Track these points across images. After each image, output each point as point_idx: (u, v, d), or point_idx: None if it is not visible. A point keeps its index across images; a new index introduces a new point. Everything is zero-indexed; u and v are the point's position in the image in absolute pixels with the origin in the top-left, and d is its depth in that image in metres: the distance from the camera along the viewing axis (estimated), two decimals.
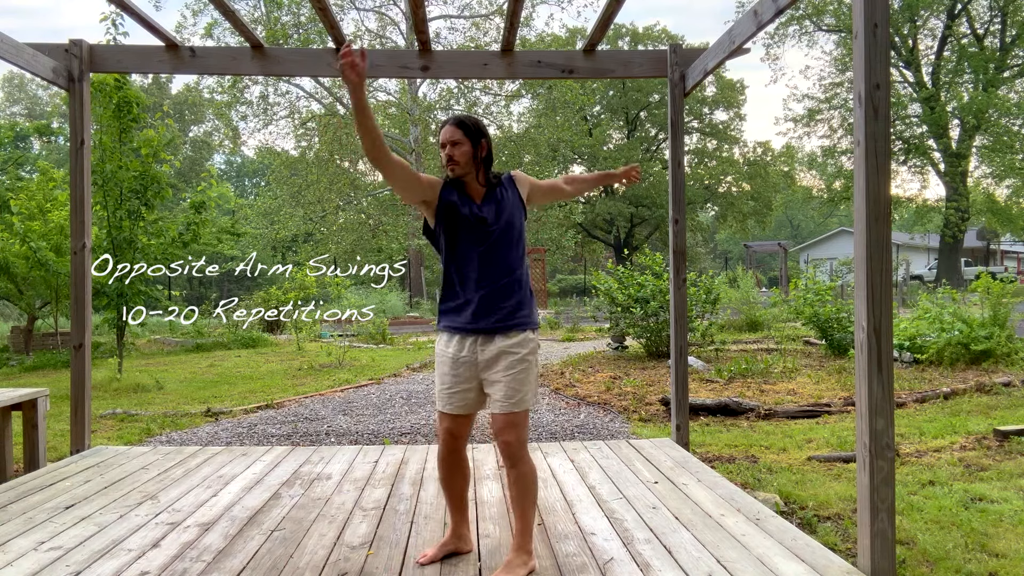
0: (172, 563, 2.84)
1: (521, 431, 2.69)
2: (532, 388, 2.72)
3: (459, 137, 2.72)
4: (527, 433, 2.73)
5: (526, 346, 2.71)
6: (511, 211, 2.78)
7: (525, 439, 2.72)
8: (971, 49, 29.91)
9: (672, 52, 4.85)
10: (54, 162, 22.99)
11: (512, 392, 2.66)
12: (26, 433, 4.78)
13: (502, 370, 2.68)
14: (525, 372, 2.69)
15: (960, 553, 3.38)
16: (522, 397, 2.68)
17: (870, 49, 2.67)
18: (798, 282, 11.52)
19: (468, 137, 2.72)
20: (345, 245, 28.11)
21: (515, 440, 2.67)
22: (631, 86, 37.20)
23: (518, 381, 2.66)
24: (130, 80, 9.37)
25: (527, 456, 2.72)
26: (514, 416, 2.66)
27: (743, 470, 4.84)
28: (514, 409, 2.66)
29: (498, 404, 2.68)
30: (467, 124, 2.74)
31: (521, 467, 2.70)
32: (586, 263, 42.89)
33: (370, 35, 27.50)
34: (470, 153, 2.73)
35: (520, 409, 2.67)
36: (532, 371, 2.72)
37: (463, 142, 2.72)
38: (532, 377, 2.72)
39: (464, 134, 2.72)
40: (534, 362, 2.74)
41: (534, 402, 2.75)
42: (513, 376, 2.66)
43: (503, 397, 2.66)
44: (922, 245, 41.96)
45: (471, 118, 2.78)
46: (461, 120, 2.75)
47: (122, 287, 9.36)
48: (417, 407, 7.60)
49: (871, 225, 2.67)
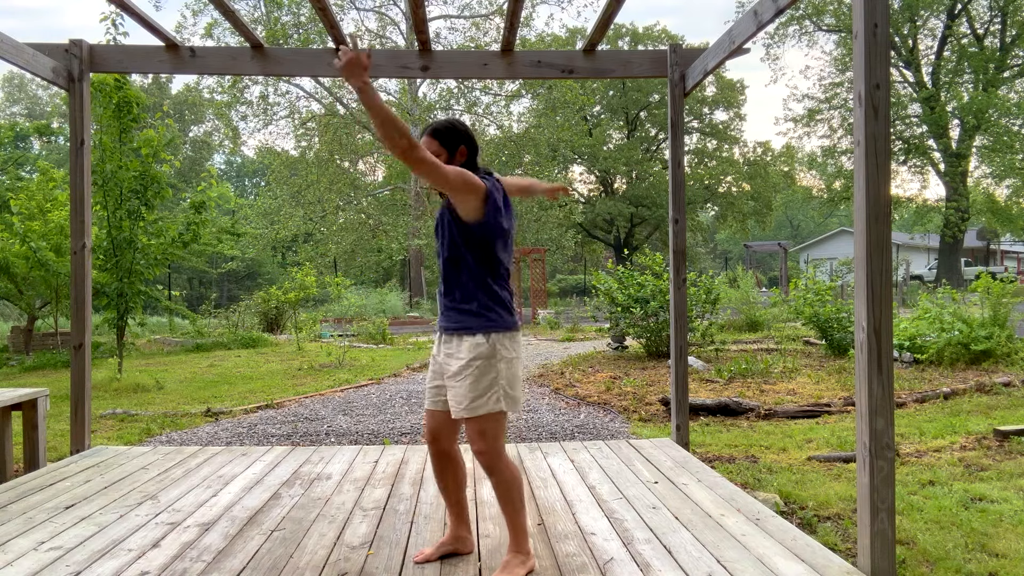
0: (172, 563, 2.84)
1: (490, 439, 2.62)
2: (489, 394, 2.59)
3: (435, 148, 2.68)
4: (499, 441, 2.65)
5: (474, 351, 2.60)
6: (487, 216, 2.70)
7: (496, 448, 2.63)
8: (971, 49, 29.90)
9: (672, 52, 4.85)
10: (54, 162, 22.98)
11: (461, 398, 2.60)
12: (26, 433, 4.78)
13: (451, 375, 2.64)
14: (473, 378, 2.59)
15: (960, 553, 3.38)
16: (471, 404, 2.58)
17: (870, 49, 2.67)
18: (798, 282, 11.52)
19: (444, 146, 2.69)
20: (345, 245, 28.11)
21: (485, 449, 2.62)
22: (631, 86, 37.19)
23: (465, 387, 2.59)
24: (130, 80, 9.37)
25: (503, 464, 2.66)
26: (473, 423, 2.60)
27: (743, 470, 4.84)
28: (464, 415, 2.60)
29: (451, 410, 2.65)
30: (441, 132, 2.70)
31: (497, 476, 2.66)
32: (586, 263, 42.91)
33: (370, 35, 27.50)
34: (447, 162, 2.68)
35: (471, 415, 2.59)
36: (484, 376, 2.59)
37: (440, 152, 2.68)
38: (485, 383, 2.59)
39: (440, 144, 2.68)
40: (485, 367, 2.59)
41: (497, 408, 2.61)
42: (460, 381, 2.60)
43: (454, 403, 2.63)
44: (922, 245, 41.94)
45: (447, 124, 2.72)
46: (435, 129, 2.71)
47: (122, 287, 9.36)
48: (417, 407, 7.60)
49: (871, 225, 2.67)
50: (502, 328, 2.65)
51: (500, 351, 2.63)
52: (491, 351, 2.61)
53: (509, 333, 2.67)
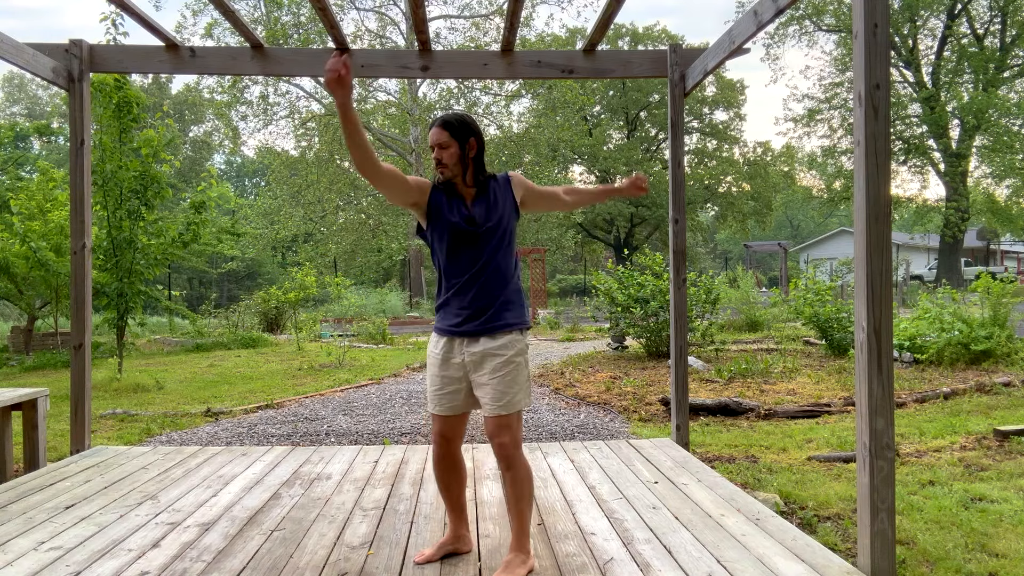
0: (172, 563, 2.84)
1: (515, 433, 2.67)
2: (523, 389, 2.68)
3: (445, 139, 2.68)
4: (520, 434, 2.72)
5: (513, 347, 2.67)
6: (502, 212, 2.74)
7: (519, 440, 2.69)
8: (971, 49, 29.89)
9: (672, 52, 4.85)
10: (54, 162, 22.97)
11: (500, 395, 2.63)
12: (26, 433, 4.78)
13: (488, 372, 2.65)
14: (513, 374, 2.65)
15: (960, 553, 3.38)
16: (511, 399, 2.64)
17: (870, 49, 2.67)
18: (798, 282, 11.52)
19: (455, 138, 2.69)
20: (345, 245, 28.12)
21: (509, 442, 2.65)
22: (631, 86, 37.20)
23: (505, 383, 2.63)
24: (130, 80, 9.37)
25: (522, 457, 2.71)
26: (505, 419, 2.64)
27: (743, 470, 4.84)
28: (503, 412, 2.63)
29: (488, 407, 2.66)
30: (453, 124, 2.70)
31: (516, 469, 2.69)
32: (586, 263, 42.91)
33: (370, 35, 27.51)
34: (458, 154, 2.69)
35: (510, 412, 2.64)
36: (521, 372, 2.68)
37: (450, 144, 2.68)
38: (521, 378, 2.68)
39: (451, 135, 2.68)
40: (522, 363, 2.69)
41: (527, 403, 2.72)
42: (500, 378, 2.63)
43: (492, 400, 2.64)
44: (922, 245, 41.94)
45: (458, 117, 2.74)
46: (447, 120, 2.71)
47: (122, 287, 9.36)
48: (417, 407, 7.60)
49: (871, 225, 2.67)
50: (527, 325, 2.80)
51: (527, 345, 2.76)
52: (525, 347, 2.74)
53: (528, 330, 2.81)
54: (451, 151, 2.69)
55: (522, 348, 2.71)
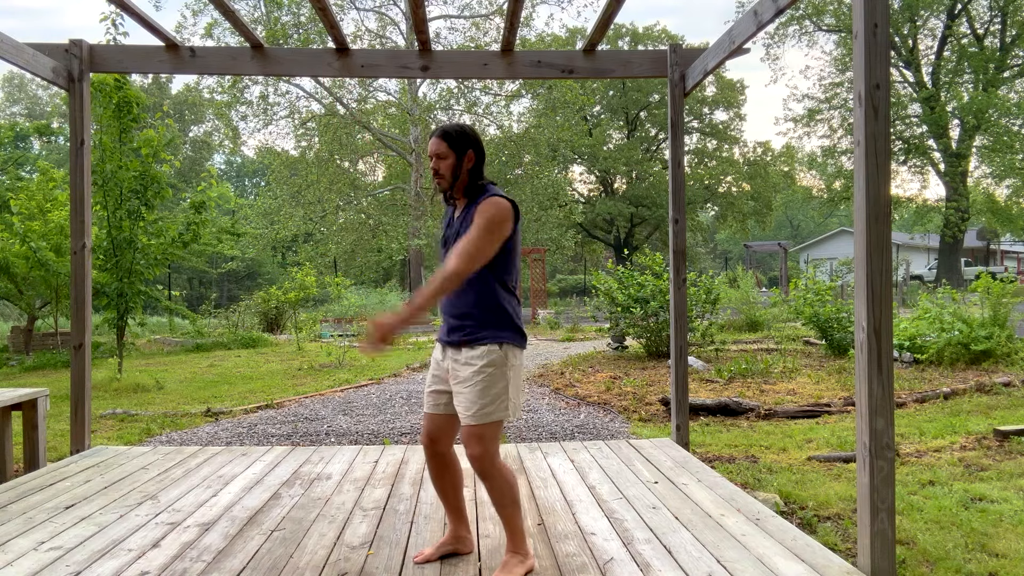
0: (172, 563, 2.84)
1: (487, 444, 2.61)
2: (496, 401, 2.61)
3: (443, 150, 2.67)
4: (495, 446, 2.65)
5: (486, 358, 2.61)
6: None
7: (492, 452, 2.63)
8: (971, 49, 29.89)
9: (672, 52, 4.85)
10: (54, 162, 22.99)
11: (470, 404, 2.60)
12: (26, 433, 4.78)
13: (461, 382, 2.63)
14: (484, 384, 2.59)
15: (960, 553, 3.38)
16: (481, 409, 2.59)
17: (870, 49, 2.67)
18: (798, 282, 11.52)
19: (452, 149, 2.68)
20: (345, 245, 28.10)
21: (480, 454, 2.61)
22: (631, 86, 37.19)
23: (476, 393, 2.59)
24: (130, 80, 9.37)
25: (497, 469, 2.65)
26: (476, 428, 2.60)
27: (743, 470, 4.84)
28: (472, 422, 2.60)
29: (460, 416, 2.65)
30: (451, 135, 2.68)
31: (491, 479, 2.65)
32: (586, 263, 42.92)
33: (370, 35, 27.50)
34: (453, 165, 2.68)
35: (480, 422, 2.59)
36: (495, 384, 2.61)
37: (448, 155, 2.68)
38: (495, 390, 2.61)
39: (448, 146, 2.67)
40: (497, 375, 2.61)
41: (504, 416, 2.63)
42: (471, 388, 2.60)
43: (463, 409, 2.63)
44: (922, 245, 41.94)
45: (458, 128, 2.72)
46: (446, 131, 2.69)
47: (122, 287, 9.37)
48: (417, 407, 7.61)
49: (871, 225, 2.67)
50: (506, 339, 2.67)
51: (510, 360, 2.66)
52: (502, 359, 2.64)
53: (519, 344, 2.71)
54: (448, 162, 2.68)
55: (497, 360, 2.62)
